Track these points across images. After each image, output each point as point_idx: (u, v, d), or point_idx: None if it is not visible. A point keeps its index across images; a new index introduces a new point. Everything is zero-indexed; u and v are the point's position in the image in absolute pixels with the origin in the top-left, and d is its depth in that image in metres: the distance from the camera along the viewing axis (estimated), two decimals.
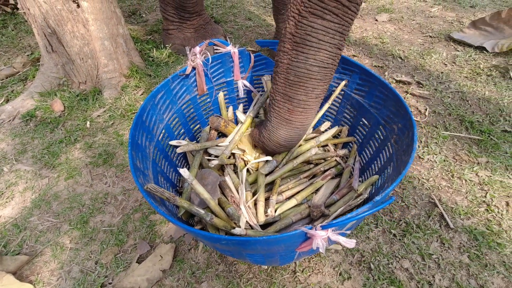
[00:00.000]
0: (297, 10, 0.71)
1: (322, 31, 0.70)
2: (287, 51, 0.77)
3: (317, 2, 0.67)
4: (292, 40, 0.74)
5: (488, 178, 1.28)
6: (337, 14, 0.69)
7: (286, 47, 0.77)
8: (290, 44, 0.76)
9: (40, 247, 1.16)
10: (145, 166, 0.85)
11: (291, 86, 0.80)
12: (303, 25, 0.71)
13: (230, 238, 0.58)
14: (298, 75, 0.77)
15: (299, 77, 0.77)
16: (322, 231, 0.56)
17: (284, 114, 0.86)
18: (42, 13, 1.47)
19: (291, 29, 0.74)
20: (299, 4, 0.70)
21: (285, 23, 0.76)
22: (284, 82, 0.81)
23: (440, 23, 2.29)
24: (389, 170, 0.87)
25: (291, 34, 0.74)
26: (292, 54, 0.76)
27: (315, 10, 0.68)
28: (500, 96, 1.64)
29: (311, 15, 0.69)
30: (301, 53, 0.74)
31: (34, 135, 1.57)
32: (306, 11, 0.69)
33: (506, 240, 1.09)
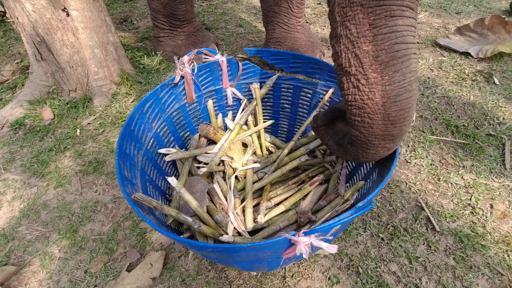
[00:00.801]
0: (367, 25, 0.56)
1: (407, 31, 0.57)
2: (375, 82, 0.59)
3: (392, 1, 0.55)
4: (378, 63, 0.57)
5: (473, 181, 1.31)
6: (413, 7, 0.57)
7: (372, 76, 0.58)
8: (376, 71, 0.58)
9: (28, 257, 1.15)
10: (133, 175, 0.85)
11: (395, 124, 0.62)
12: (385, 35, 0.56)
13: (215, 246, 0.59)
14: (401, 106, 0.60)
15: (403, 106, 0.60)
16: (305, 237, 0.57)
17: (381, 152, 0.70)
18: (31, 22, 1.47)
19: (368, 51, 0.57)
20: (365, 18, 0.56)
21: (347, 53, 0.60)
22: (383, 123, 0.62)
23: (427, 29, 2.35)
24: (374, 176, 0.88)
25: (372, 57, 0.57)
26: (385, 81, 0.58)
27: (392, 11, 0.55)
28: (484, 100, 1.68)
29: (390, 18, 0.55)
30: (395, 72, 0.58)
31: (23, 144, 1.56)
32: (381, 18, 0.55)
33: (490, 242, 1.12)
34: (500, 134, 1.49)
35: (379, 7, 0.55)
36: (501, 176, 1.33)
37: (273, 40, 1.93)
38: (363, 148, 0.71)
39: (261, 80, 1.22)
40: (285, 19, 1.84)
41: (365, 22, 0.56)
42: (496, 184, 1.30)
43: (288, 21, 1.84)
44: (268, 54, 1.18)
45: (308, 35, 1.98)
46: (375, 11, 0.55)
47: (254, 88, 1.18)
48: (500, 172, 1.34)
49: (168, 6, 1.85)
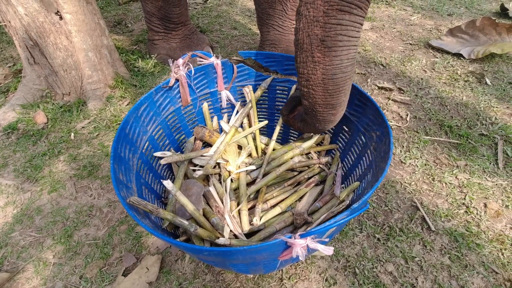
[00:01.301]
0: (321, 12, 0.66)
1: (351, 26, 0.67)
2: (318, 61, 0.71)
3: None
4: (323, 46, 0.69)
5: (467, 180, 1.33)
6: (362, 7, 0.67)
7: (317, 56, 0.71)
8: (320, 52, 0.70)
9: (22, 263, 1.13)
10: (128, 179, 0.85)
11: (332, 95, 0.77)
12: (333, 25, 0.67)
13: (211, 249, 0.59)
14: (336, 82, 0.74)
15: (338, 83, 0.74)
16: (301, 239, 0.57)
17: (329, 118, 0.84)
18: (23, 25, 1.46)
19: (318, 34, 0.68)
20: (321, 5, 0.66)
21: (303, 31, 0.71)
22: (323, 93, 0.76)
23: (419, 31, 2.38)
24: (369, 177, 0.89)
25: (319, 40, 0.69)
26: (326, 61, 0.71)
27: (343, 7, 0.65)
28: (477, 101, 1.70)
29: (340, 12, 0.65)
30: (335, 57, 0.70)
31: (16, 148, 1.54)
32: (333, 9, 0.65)
33: (485, 240, 1.13)
34: (492, 134, 1.51)
35: (333, 0, 0.65)
36: (494, 175, 1.34)
37: (268, 43, 1.93)
38: (314, 116, 0.85)
39: (256, 82, 1.22)
40: (279, 22, 1.85)
41: (321, 9, 0.67)
42: (489, 183, 1.31)
43: (282, 23, 1.85)
44: (262, 57, 1.19)
45: None
46: (330, 2, 0.65)
47: (247, 92, 1.18)
48: (493, 171, 1.36)
49: (163, 9, 1.85)
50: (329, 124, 0.89)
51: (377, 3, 2.82)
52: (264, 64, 1.21)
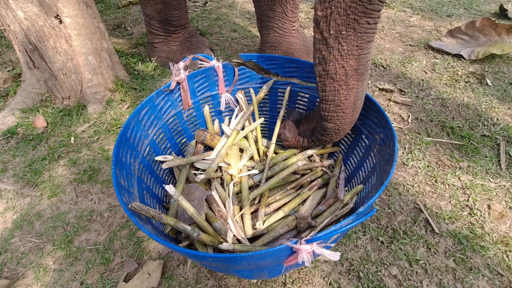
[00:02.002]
0: (356, 46, 0.72)
1: (371, 53, 0.77)
2: (353, 87, 0.78)
3: (373, 31, 0.72)
4: (357, 74, 0.76)
5: (470, 182, 1.32)
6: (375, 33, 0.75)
7: (352, 83, 0.78)
8: (355, 80, 0.77)
9: (22, 270, 1.12)
10: (130, 184, 0.84)
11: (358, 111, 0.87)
12: (364, 56, 0.74)
13: (216, 256, 0.58)
14: (362, 99, 0.84)
15: (362, 99, 0.85)
16: (307, 245, 0.56)
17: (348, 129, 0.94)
18: (23, 29, 1.46)
19: (354, 65, 0.75)
20: (354, 40, 0.71)
21: (336, 63, 0.75)
22: (352, 113, 0.85)
23: (419, 32, 2.38)
24: (373, 180, 0.88)
25: (354, 70, 0.76)
26: (359, 86, 0.79)
27: (371, 38, 0.73)
28: (478, 102, 1.70)
29: (369, 43, 0.74)
30: (365, 80, 0.79)
31: (15, 153, 1.53)
32: (364, 43, 0.72)
33: (489, 242, 1.12)
34: (494, 134, 1.51)
35: (365, 34, 0.72)
36: (497, 176, 1.34)
37: (268, 45, 1.93)
38: (336, 133, 0.93)
39: (257, 85, 1.22)
40: (279, 24, 1.84)
41: (354, 43, 0.73)
42: (492, 185, 1.31)
43: (282, 25, 1.85)
44: (263, 59, 1.18)
45: (303, 39, 1.99)
46: (362, 36, 0.72)
47: (241, 98, 1.18)
48: (496, 172, 1.35)
49: (163, 12, 1.85)
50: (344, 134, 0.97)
51: None
52: (265, 67, 1.20)
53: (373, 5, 0.67)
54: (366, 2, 0.67)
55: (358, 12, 0.68)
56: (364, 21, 0.69)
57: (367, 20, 0.69)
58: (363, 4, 0.67)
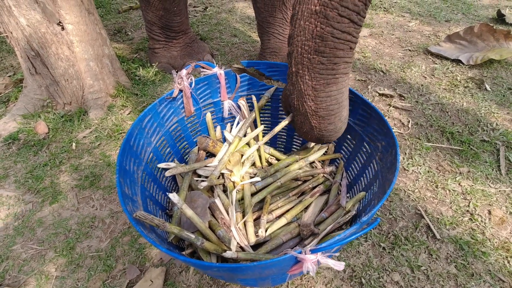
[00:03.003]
0: (311, 88, 0.73)
1: (339, 94, 0.75)
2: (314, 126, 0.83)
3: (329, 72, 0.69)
4: (316, 116, 0.79)
5: (470, 187, 1.33)
6: (346, 73, 0.73)
7: (313, 122, 0.81)
8: (315, 120, 0.80)
9: (24, 277, 1.11)
10: (134, 192, 0.84)
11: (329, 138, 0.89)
12: (323, 99, 0.75)
13: (221, 266, 0.58)
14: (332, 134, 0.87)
15: (333, 136, 0.88)
16: (312, 255, 0.57)
17: None
18: (25, 36, 1.46)
19: (311, 107, 0.77)
20: (310, 80, 0.71)
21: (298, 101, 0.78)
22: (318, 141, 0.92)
23: (418, 37, 2.40)
24: (375, 187, 0.89)
25: (313, 111, 0.78)
26: (321, 126, 0.81)
27: (329, 81, 0.71)
28: (477, 107, 1.71)
29: (327, 86, 0.72)
30: (330, 124, 0.81)
31: (16, 159, 1.53)
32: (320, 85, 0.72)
33: (490, 248, 1.12)
34: (494, 140, 1.52)
35: (319, 75, 0.69)
36: (497, 181, 1.35)
37: (269, 51, 1.94)
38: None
39: (259, 92, 1.23)
40: (280, 30, 1.86)
41: (309, 84, 0.71)
42: (492, 190, 1.32)
43: (283, 31, 1.86)
44: (265, 66, 1.19)
45: None
46: (316, 78, 0.69)
47: (243, 105, 1.19)
48: (496, 177, 1.36)
49: (164, 18, 1.86)
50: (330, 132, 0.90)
51: (375, 9, 2.85)
52: (266, 74, 1.21)
53: (325, 42, 0.64)
54: (319, 40, 0.64)
55: (310, 50, 0.66)
56: (317, 61, 0.66)
57: (320, 60, 0.66)
58: (315, 42, 0.64)
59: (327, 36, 0.63)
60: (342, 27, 0.63)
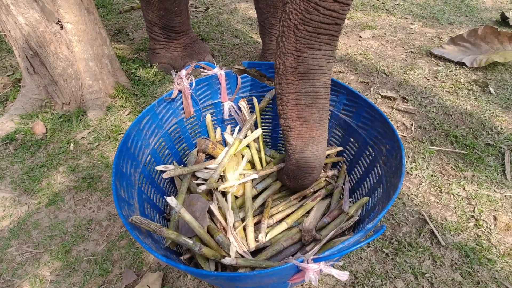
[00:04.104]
0: (294, 48, 0.77)
1: (321, 59, 0.78)
2: (292, 82, 0.82)
3: (313, 39, 0.75)
4: (296, 72, 0.80)
5: (475, 192, 1.30)
6: (330, 43, 0.77)
7: (291, 79, 0.82)
8: (294, 76, 0.81)
9: (18, 281, 1.09)
10: (130, 195, 0.82)
11: (304, 108, 0.85)
12: (304, 58, 0.78)
13: (219, 275, 0.56)
14: (308, 98, 0.84)
15: (310, 99, 0.84)
16: (314, 264, 0.54)
17: (304, 134, 0.88)
18: (23, 35, 1.44)
19: (292, 63, 0.80)
20: (294, 42, 0.76)
21: (280, 59, 0.81)
22: (295, 107, 0.86)
23: (421, 39, 2.38)
24: (379, 192, 0.86)
25: (293, 67, 0.80)
26: (299, 83, 0.82)
27: (313, 44, 0.76)
28: (482, 110, 1.69)
29: (310, 49, 0.76)
30: (307, 80, 0.81)
31: (13, 160, 1.50)
32: (304, 47, 0.76)
33: (496, 255, 1.10)
34: (499, 144, 1.49)
35: (304, 39, 0.75)
36: (503, 186, 1.32)
37: (270, 52, 1.92)
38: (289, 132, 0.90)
39: (260, 93, 1.20)
40: None
41: (293, 45, 0.77)
42: (498, 195, 1.29)
43: None
44: (266, 67, 1.17)
45: None
46: (300, 41, 0.76)
47: (244, 106, 1.17)
48: (501, 182, 1.33)
49: (164, 18, 1.84)
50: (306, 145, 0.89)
51: (378, 11, 2.83)
52: (268, 75, 1.19)
53: (310, 15, 0.71)
54: (305, 11, 0.71)
55: (297, 18, 0.73)
56: (303, 28, 0.74)
57: (305, 28, 0.73)
58: (301, 12, 0.72)
59: (312, 11, 0.71)
60: (326, 5, 0.70)
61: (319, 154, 0.91)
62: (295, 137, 0.89)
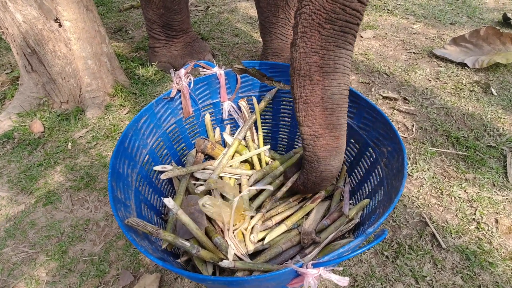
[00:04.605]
0: (319, 46, 0.75)
1: (346, 58, 0.77)
2: (318, 82, 0.78)
3: (340, 37, 0.73)
4: (321, 71, 0.77)
5: (476, 194, 1.29)
6: (352, 43, 0.77)
7: (316, 78, 0.77)
8: (319, 75, 0.77)
9: (14, 282, 1.08)
10: (127, 196, 0.80)
11: (332, 114, 0.80)
12: (331, 56, 0.75)
13: (216, 279, 0.54)
14: (335, 101, 0.79)
15: (337, 102, 0.79)
16: (314, 269, 0.53)
17: (333, 144, 0.83)
18: (21, 32, 1.43)
19: (317, 62, 0.76)
20: (319, 41, 0.74)
21: (303, 59, 0.77)
22: (323, 112, 0.80)
23: (422, 39, 2.36)
24: (380, 195, 0.85)
25: (318, 66, 0.77)
26: (325, 83, 0.77)
27: (339, 43, 0.74)
28: (483, 111, 1.67)
29: (336, 47, 0.74)
30: (334, 80, 0.77)
31: (10, 158, 1.49)
32: (330, 45, 0.74)
33: (498, 259, 1.08)
34: (500, 145, 1.48)
35: (330, 38, 0.74)
36: (504, 189, 1.30)
37: (271, 51, 1.91)
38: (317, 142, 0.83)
39: (260, 93, 1.19)
40: (282, 30, 1.82)
41: (318, 44, 0.75)
42: (499, 198, 1.27)
43: (285, 32, 1.83)
44: (266, 67, 1.15)
45: None
46: (327, 39, 0.74)
47: (244, 106, 1.15)
48: (503, 185, 1.32)
49: (164, 16, 1.83)
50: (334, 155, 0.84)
51: (379, 11, 2.81)
52: (268, 74, 1.17)
53: (337, 15, 0.71)
54: (331, 12, 0.70)
55: (322, 18, 0.72)
56: (329, 27, 0.72)
57: (332, 27, 0.72)
58: (327, 13, 0.71)
59: (339, 11, 0.70)
60: (352, 5, 0.70)
61: (340, 163, 0.88)
62: (322, 147, 0.82)
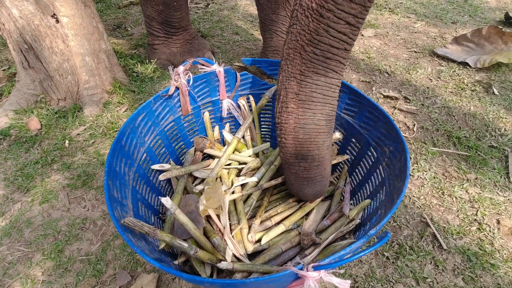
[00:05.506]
0: (298, 71, 0.71)
1: (326, 87, 0.72)
2: (292, 111, 0.75)
3: (320, 63, 0.69)
4: (297, 99, 0.74)
5: (478, 195, 1.27)
6: (337, 71, 0.72)
7: (291, 107, 0.75)
8: (295, 104, 0.74)
9: (9, 281, 1.06)
10: (124, 195, 0.79)
11: (303, 144, 0.78)
12: (308, 83, 0.72)
13: (214, 281, 0.53)
14: (307, 131, 0.76)
15: (309, 133, 0.76)
16: (314, 272, 0.52)
17: (302, 174, 0.82)
18: (18, 28, 1.41)
19: (294, 88, 0.73)
20: (299, 65, 0.71)
21: (282, 84, 0.75)
22: (293, 142, 0.78)
23: (423, 38, 2.34)
24: (382, 195, 0.83)
25: (294, 93, 0.74)
26: (298, 112, 0.75)
27: (318, 70, 0.70)
28: (485, 111, 1.66)
29: (315, 74, 0.70)
30: (308, 109, 0.74)
31: (7, 156, 1.47)
32: (309, 71, 0.70)
33: (499, 260, 1.07)
34: (502, 145, 1.46)
35: (310, 62, 0.70)
36: (506, 189, 1.29)
37: (271, 49, 1.89)
38: (288, 169, 0.84)
39: (260, 91, 1.17)
40: (283, 28, 1.80)
41: (298, 68, 0.71)
42: (501, 198, 1.26)
43: (285, 29, 1.81)
44: (266, 64, 1.14)
45: None
46: (306, 64, 0.70)
47: (243, 104, 1.13)
48: (505, 185, 1.31)
49: (163, 13, 1.80)
50: (302, 181, 0.84)
51: (380, 10, 2.79)
52: (268, 72, 1.15)
53: (320, 37, 0.66)
54: (314, 33, 0.66)
55: (305, 39, 0.68)
56: (310, 50, 0.68)
57: (313, 50, 0.68)
58: (310, 33, 0.66)
59: (322, 32, 0.65)
60: (338, 27, 0.65)
61: (319, 191, 0.87)
62: (293, 175, 0.83)
